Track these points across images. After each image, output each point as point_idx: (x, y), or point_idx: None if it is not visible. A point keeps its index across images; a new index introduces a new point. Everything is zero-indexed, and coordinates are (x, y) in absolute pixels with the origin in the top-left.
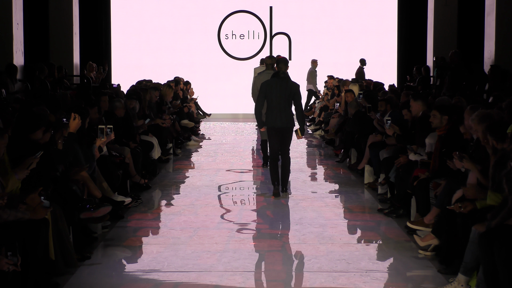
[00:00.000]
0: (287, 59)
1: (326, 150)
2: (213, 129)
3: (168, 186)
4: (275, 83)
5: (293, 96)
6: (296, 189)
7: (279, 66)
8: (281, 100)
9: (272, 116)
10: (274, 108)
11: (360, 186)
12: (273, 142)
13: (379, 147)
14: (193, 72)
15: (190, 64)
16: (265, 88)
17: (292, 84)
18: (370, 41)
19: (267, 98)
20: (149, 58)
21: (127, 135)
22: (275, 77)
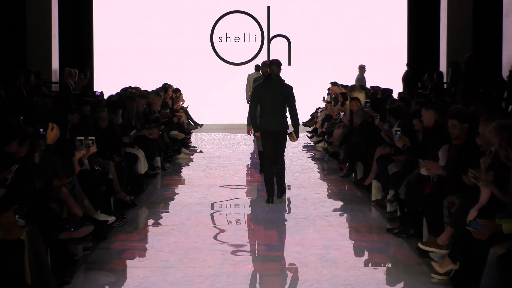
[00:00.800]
0: (279, 61)
1: (329, 164)
2: (205, 141)
3: (155, 203)
4: (268, 86)
5: (287, 98)
6: (297, 207)
7: (271, 68)
8: (275, 103)
9: (265, 120)
10: (268, 111)
11: (367, 204)
12: (267, 146)
13: (387, 161)
14: (183, 78)
15: (180, 69)
16: (258, 91)
17: (286, 86)
18: (377, 44)
19: (260, 102)
20: (135, 63)
21: (110, 147)
22: (268, 80)
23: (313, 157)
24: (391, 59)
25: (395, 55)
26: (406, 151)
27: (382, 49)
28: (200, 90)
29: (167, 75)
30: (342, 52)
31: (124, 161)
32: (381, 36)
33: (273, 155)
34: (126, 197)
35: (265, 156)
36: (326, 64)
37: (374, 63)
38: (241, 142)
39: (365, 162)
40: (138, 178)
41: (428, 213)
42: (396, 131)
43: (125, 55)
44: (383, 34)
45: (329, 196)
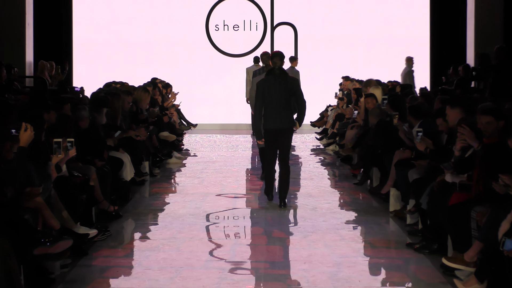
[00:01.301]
0: (282, 53)
1: (341, 169)
2: (199, 143)
3: (143, 214)
4: (272, 81)
5: (294, 92)
6: (304, 219)
7: (274, 61)
8: (281, 98)
9: (270, 118)
10: (273, 109)
11: (384, 215)
12: (270, 147)
13: (407, 166)
14: (175, 72)
15: (171, 62)
16: (262, 88)
17: (291, 80)
18: (396, 34)
19: (265, 99)
20: (120, 55)
21: (92, 150)
22: (271, 74)
23: (323, 162)
24: (412, 51)
25: (416, 47)
26: (428, 155)
27: (401, 39)
28: (194, 85)
29: (156, 69)
30: (355, 43)
31: (107, 167)
32: (400, 25)
33: (275, 156)
34: (110, 207)
35: (267, 158)
36: (338, 56)
37: (392, 55)
38: (240, 144)
39: (381, 167)
40: (123, 185)
41: (454, 225)
42: (417, 132)
43: (109, 45)
44: (402, 22)
45: (341, 206)
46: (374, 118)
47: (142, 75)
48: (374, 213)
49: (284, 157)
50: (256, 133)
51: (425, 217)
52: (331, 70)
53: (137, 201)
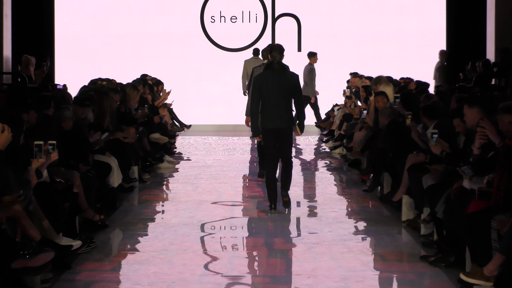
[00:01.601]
0: (282, 46)
1: (349, 174)
2: (194, 146)
3: (132, 224)
4: (270, 76)
5: (293, 89)
6: (308, 229)
7: (273, 55)
8: (279, 96)
9: (268, 116)
10: (271, 106)
11: (395, 225)
12: (270, 147)
13: (421, 171)
14: (166, 68)
15: (162, 57)
16: (259, 83)
17: (291, 75)
18: (409, 25)
19: (262, 95)
20: (107, 50)
21: (76, 154)
22: (269, 68)
23: (329, 167)
24: (426, 45)
25: (431, 40)
26: (444, 159)
27: (414, 32)
28: (188, 82)
29: (146, 64)
30: (364, 36)
31: (92, 172)
32: (413, 16)
33: (277, 157)
34: (95, 216)
35: (268, 160)
36: (345, 50)
37: (405, 49)
38: (238, 147)
39: (393, 172)
40: (110, 192)
41: (473, 236)
42: (432, 134)
43: (94, 39)
44: (415, 13)
45: (349, 215)
46: (385, 119)
47: (130, 71)
48: (385, 222)
49: (285, 157)
50: (252, 130)
51: (441, 227)
52: (338, 65)
53: (125, 210)
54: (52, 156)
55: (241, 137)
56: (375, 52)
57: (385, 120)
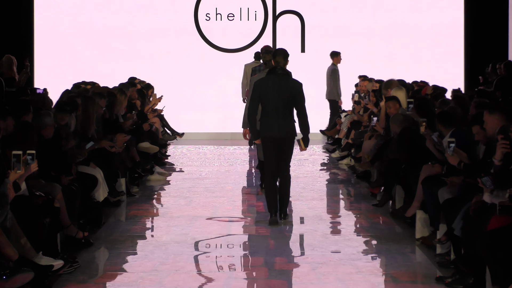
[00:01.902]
0: (286, 51)
1: (357, 188)
2: (187, 156)
3: (118, 242)
4: (271, 82)
5: (294, 97)
6: (313, 247)
7: (276, 60)
8: (280, 103)
9: (267, 124)
10: (271, 113)
11: (409, 243)
12: (270, 156)
13: (437, 184)
14: (157, 70)
15: (152, 59)
16: (259, 88)
17: (294, 82)
18: (423, 23)
19: (262, 101)
20: (91, 50)
21: (57, 165)
22: (272, 74)
23: (335, 179)
24: (441, 45)
25: (447, 39)
26: (462, 170)
27: (430, 30)
28: (180, 86)
29: (135, 66)
30: (374, 35)
31: (75, 184)
32: (428, 14)
33: (276, 167)
34: (79, 233)
35: (267, 169)
36: (353, 51)
37: (419, 50)
38: (236, 157)
39: (406, 185)
40: (95, 207)
41: (493, 255)
42: (448, 143)
43: (78, 38)
44: (430, 9)
45: (357, 233)
46: (396, 126)
47: (117, 74)
48: (397, 240)
49: (283, 168)
50: (251, 132)
51: (459, 245)
52: (346, 68)
53: (111, 226)
54: (31, 167)
55: (239, 146)
56: (386, 53)
57: (397, 128)
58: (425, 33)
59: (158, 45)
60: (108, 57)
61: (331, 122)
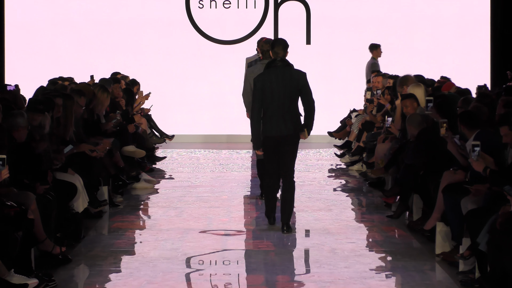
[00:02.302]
0: (286, 41)
1: (369, 197)
2: (177, 161)
3: (100, 258)
4: (274, 76)
5: (301, 89)
6: (320, 264)
7: (275, 51)
8: (285, 98)
9: (271, 122)
10: (275, 110)
11: (428, 259)
12: (271, 158)
13: (460, 192)
14: (144, 65)
15: (138, 51)
16: (261, 84)
17: (298, 73)
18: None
19: (265, 99)
20: (69, 42)
21: (31, 171)
22: (272, 67)
23: (345, 187)
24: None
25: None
26: (488, 177)
27: (450, 20)
28: (170, 82)
29: (119, 60)
30: (388, 25)
31: (52, 193)
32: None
33: (277, 170)
34: (55, 249)
35: (267, 172)
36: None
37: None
38: (233, 163)
39: (425, 194)
40: (73, 219)
41: None
42: (473, 147)
43: (54, 29)
44: None
45: (370, 248)
46: (414, 128)
47: (99, 69)
48: (415, 256)
49: (286, 170)
50: (254, 140)
51: (484, 262)
52: (357, 62)
53: (92, 240)
54: (1, 173)
55: (237, 150)
56: (402, 46)
57: (414, 130)
58: (447, 23)
59: (144, 37)
60: (88, 50)
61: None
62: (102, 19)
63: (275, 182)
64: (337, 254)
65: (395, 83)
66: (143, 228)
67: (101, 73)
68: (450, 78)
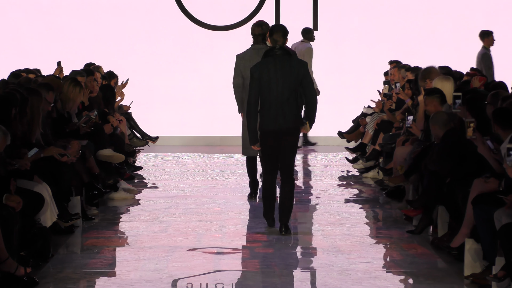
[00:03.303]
0: (285, 27)
1: (387, 209)
2: (162, 167)
3: (72, 280)
4: (272, 65)
5: (302, 79)
6: (329, 287)
7: (274, 39)
8: (284, 89)
9: (269, 115)
10: (273, 102)
11: (456, 281)
12: (270, 154)
13: (493, 204)
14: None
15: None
16: (258, 75)
17: (298, 62)
18: None
19: (262, 90)
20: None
21: None
22: (270, 55)
23: (358, 197)
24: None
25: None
26: None
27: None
28: (154, 75)
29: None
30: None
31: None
32: None
33: (276, 168)
34: (19, 269)
35: (266, 171)
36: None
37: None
38: (226, 168)
39: (451, 206)
40: (40, 235)
41: None
42: (508, 150)
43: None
44: None
45: (387, 268)
46: (439, 128)
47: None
48: (440, 278)
49: (286, 168)
50: (250, 134)
51: None
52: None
53: (62, 260)
54: None
55: (231, 154)
56: (425, 33)
57: (440, 131)
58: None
59: (124, 22)
60: (58, 37)
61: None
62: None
63: (274, 180)
64: (349, 276)
65: (417, 76)
66: (122, 246)
67: (72, 64)
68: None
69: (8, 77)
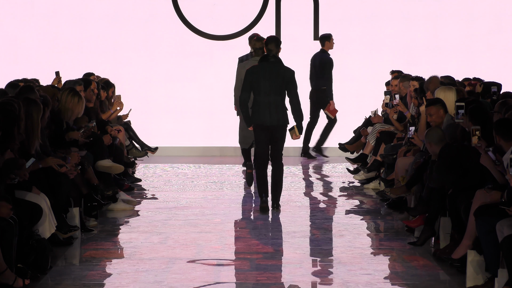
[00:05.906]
0: (279, 39)
1: (388, 220)
2: (161, 178)
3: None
4: (264, 70)
5: (287, 85)
6: None
7: (268, 48)
8: (272, 91)
9: (259, 112)
10: (263, 101)
11: None
12: (261, 144)
13: (495, 215)
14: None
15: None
16: (250, 76)
17: (286, 69)
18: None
19: (253, 89)
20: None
21: None
22: (264, 61)
23: (359, 209)
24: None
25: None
26: None
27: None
28: (153, 85)
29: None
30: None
31: (13, 216)
32: None
33: (268, 156)
34: (17, 281)
35: (258, 157)
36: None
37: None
38: (226, 179)
39: (454, 217)
40: (38, 246)
41: None
42: (511, 161)
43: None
44: None
45: (390, 280)
46: (435, 145)
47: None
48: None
49: (277, 153)
50: (245, 120)
51: None
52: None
53: (60, 272)
54: None
55: (231, 165)
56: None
57: (436, 147)
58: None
59: (122, 30)
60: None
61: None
62: (72, 10)
63: (265, 161)
64: (350, 287)
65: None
66: (121, 257)
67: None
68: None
69: (5, 87)
